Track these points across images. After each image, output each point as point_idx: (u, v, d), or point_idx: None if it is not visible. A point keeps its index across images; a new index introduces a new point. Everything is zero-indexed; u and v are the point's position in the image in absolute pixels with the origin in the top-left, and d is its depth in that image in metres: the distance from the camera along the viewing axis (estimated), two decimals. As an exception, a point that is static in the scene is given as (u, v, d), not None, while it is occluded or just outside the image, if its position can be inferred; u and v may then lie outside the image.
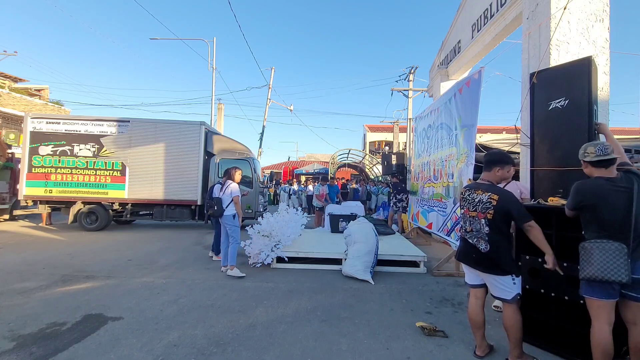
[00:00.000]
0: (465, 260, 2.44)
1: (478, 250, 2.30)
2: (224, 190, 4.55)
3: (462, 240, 2.50)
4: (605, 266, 1.87)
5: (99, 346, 2.47)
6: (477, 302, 2.44)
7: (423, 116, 6.82)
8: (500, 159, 2.42)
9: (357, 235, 4.67)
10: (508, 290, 2.24)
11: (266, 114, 17.75)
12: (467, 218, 2.41)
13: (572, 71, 2.83)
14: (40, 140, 8.04)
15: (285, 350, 2.48)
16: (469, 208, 2.38)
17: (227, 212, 4.49)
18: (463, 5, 7.51)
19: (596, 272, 1.90)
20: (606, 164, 2.01)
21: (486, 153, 2.57)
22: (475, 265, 2.35)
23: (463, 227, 2.47)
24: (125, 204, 8.32)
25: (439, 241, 7.05)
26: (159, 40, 16.55)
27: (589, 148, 2.07)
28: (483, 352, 2.45)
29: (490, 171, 2.41)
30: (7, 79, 17.59)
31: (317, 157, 31.74)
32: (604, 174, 2.02)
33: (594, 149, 2.03)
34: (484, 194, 2.30)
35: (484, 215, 2.27)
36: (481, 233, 2.29)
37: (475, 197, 2.34)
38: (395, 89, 15.84)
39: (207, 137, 8.63)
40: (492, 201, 2.24)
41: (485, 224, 2.26)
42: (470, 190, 2.41)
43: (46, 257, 5.23)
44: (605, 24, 4.13)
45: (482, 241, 2.28)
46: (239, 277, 4.27)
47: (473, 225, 2.35)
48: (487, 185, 2.35)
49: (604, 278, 1.87)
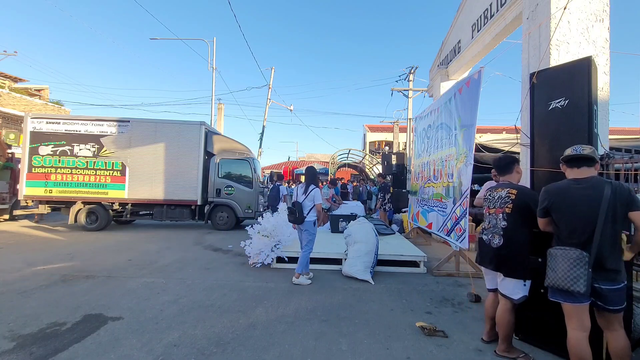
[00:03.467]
0: (482, 261, 2.51)
1: (491, 247, 2.38)
2: (307, 195, 4.21)
3: (479, 241, 2.58)
4: (564, 275, 1.84)
5: (99, 346, 2.47)
6: (496, 299, 2.52)
7: (423, 116, 6.82)
8: (514, 158, 2.65)
9: (357, 235, 4.68)
10: (516, 291, 2.30)
11: (266, 114, 17.77)
12: (487, 216, 2.51)
13: (572, 71, 2.82)
14: (40, 140, 8.05)
15: (285, 350, 2.48)
16: (489, 206, 2.49)
17: (308, 219, 4.21)
18: (463, 5, 7.51)
19: (557, 280, 1.88)
20: (579, 164, 1.97)
21: (496, 160, 2.71)
22: (488, 263, 2.41)
23: (483, 226, 2.55)
24: (125, 204, 8.34)
25: (439, 241, 7.05)
26: (159, 40, 16.59)
27: (568, 148, 2.04)
28: (489, 338, 2.60)
29: (511, 172, 2.55)
30: (7, 79, 17.60)
31: (317, 157, 31.73)
32: (576, 174, 1.99)
33: (571, 149, 2.01)
34: (502, 191, 2.42)
35: (502, 209, 2.36)
36: (496, 228, 2.37)
37: (495, 195, 2.47)
38: (395, 89, 15.86)
39: (207, 137, 8.64)
40: (511, 195, 2.35)
41: (503, 218, 2.35)
42: (492, 190, 2.55)
43: (46, 257, 5.23)
44: (605, 24, 4.13)
45: (496, 236, 2.36)
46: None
47: (490, 222, 2.44)
48: (506, 184, 2.50)
49: (563, 287, 1.85)
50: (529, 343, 2.60)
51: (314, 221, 4.26)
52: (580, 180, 1.96)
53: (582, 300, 1.88)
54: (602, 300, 1.86)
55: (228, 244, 6.60)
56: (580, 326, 1.92)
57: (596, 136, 2.66)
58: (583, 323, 1.92)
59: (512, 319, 2.35)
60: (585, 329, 1.92)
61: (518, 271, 2.28)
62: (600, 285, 1.84)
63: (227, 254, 5.82)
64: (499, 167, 2.65)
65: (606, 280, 1.84)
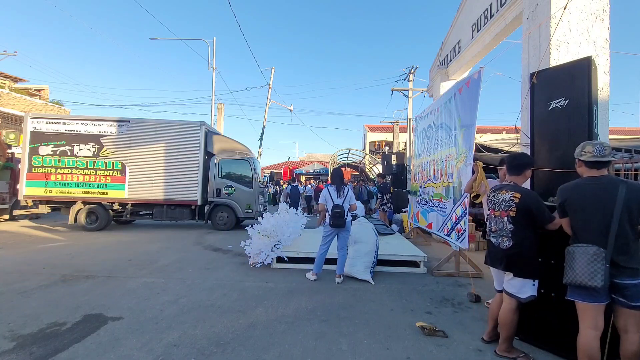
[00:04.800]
0: (491, 261, 2.51)
1: (500, 249, 2.38)
2: (346, 197, 4.10)
3: (487, 243, 2.57)
4: (582, 271, 1.85)
5: (99, 346, 2.46)
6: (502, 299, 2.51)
7: (423, 116, 6.82)
8: (530, 161, 2.61)
9: (357, 235, 4.67)
10: (525, 290, 2.30)
11: (266, 114, 17.79)
12: (492, 218, 2.50)
13: (572, 71, 2.83)
14: (40, 140, 8.04)
15: (285, 350, 2.48)
16: (494, 208, 2.47)
17: (348, 219, 4.12)
18: (463, 5, 7.51)
19: (575, 276, 1.89)
20: (600, 166, 1.98)
21: (512, 157, 2.63)
22: (499, 264, 2.41)
23: (489, 228, 2.54)
24: (125, 204, 8.33)
25: (439, 241, 7.05)
26: (159, 40, 16.58)
27: (587, 147, 2.02)
28: (490, 338, 2.60)
29: (520, 174, 2.50)
30: (7, 79, 17.59)
31: (317, 157, 31.75)
32: (594, 174, 1.99)
33: (592, 149, 1.99)
34: (507, 193, 2.40)
35: (507, 213, 2.35)
36: (504, 231, 2.37)
37: (500, 197, 2.44)
38: (395, 89, 15.86)
39: (207, 137, 8.64)
40: (515, 199, 2.33)
41: (508, 221, 2.35)
42: (495, 192, 2.52)
43: (46, 257, 5.23)
44: (605, 24, 4.13)
45: (505, 239, 2.36)
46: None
47: (497, 225, 2.43)
48: (510, 186, 2.46)
49: (581, 283, 1.86)
50: (529, 343, 2.60)
51: (351, 220, 4.30)
52: (595, 178, 1.97)
53: (601, 299, 1.88)
54: (623, 296, 1.85)
55: (228, 244, 6.60)
56: (594, 325, 1.92)
57: (596, 136, 2.67)
58: (597, 323, 1.92)
59: (516, 319, 2.35)
60: (598, 328, 1.92)
61: (528, 271, 2.28)
62: (622, 281, 1.83)
63: (227, 254, 5.81)
64: (513, 166, 2.54)
65: (626, 276, 1.83)
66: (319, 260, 4.23)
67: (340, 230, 4.15)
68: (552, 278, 2.36)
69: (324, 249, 4.22)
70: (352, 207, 4.20)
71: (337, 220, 4.02)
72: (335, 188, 4.20)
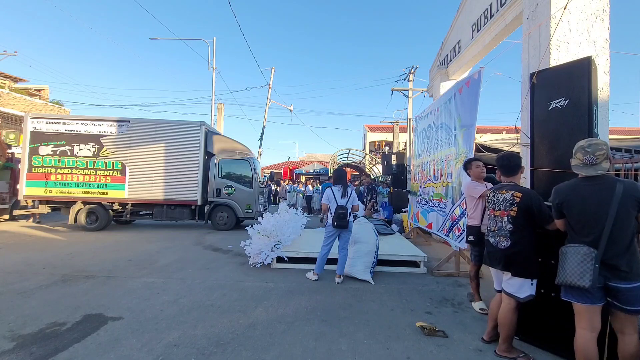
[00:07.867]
0: (489, 261, 2.51)
1: (498, 249, 2.38)
2: (349, 198, 4.10)
3: (486, 242, 2.58)
4: (572, 271, 1.85)
5: (99, 346, 2.46)
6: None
7: (423, 116, 6.82)
8: (520, 159, 2.63)
9: (357, 235, 4.67)
10: (523, 290, 2.30)
11: (266, 114, 17.78)
12: (492, 218, 2.50)
13: (572, 71, 2.83)
14: (40, 140, 8.04)
15: (285, 350, 2.48)
16: (494, 208, 2.48)
17: (350, 220, 4.15)
18: (463, 6, 7.51)
19: (566, 276, 1.89)
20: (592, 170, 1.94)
21: (502, 158, 2.62)
22: (497, 263, 2.41)
23: (488, 228, 2.54)
24: (125, 204, 8.33)
25: (439, 241, 7.05)
26: (159, 40, 16.59)
27: (578, 154, 1.98)
28: (490, 338, 2.60)
29: (515, 174, 2.54)
30: (7, 79, 17.59)
31: (317, 157, 31.73)
32: (592, 174, 1.96)
33: (582, 157, 1.94)
34: (507, 193, 2.40)
35: (507, 212, 2.36)
36: (503, 231, 2.37)
37: (500, 197, 2.45)
38: (395, 89, 15.86)
39: (207, 137, 8.64)
40: (516, 198, 2.33)
41: (508, 221, 2.35)
42: (495, 191, 2.52)
43: (46, 257, 5.23)
44: (605, 24, 4.13)
45: (503, 238, 2.37)
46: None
47: (497, 224, 2.44)
48: (511, 186, 2.47)
49: (571, 282, 1.86)
50: (529, 343, 2.60)
51: (352, 221, 4.30)
52: (591, 178, 1.94)
53: (595, 301, 1.87)
54: (618, 300, 1.84)
55: (228, 244, 6.59)
56: (590, 327, 1.91)
57: (596, 136, 2.67)
58: (593, 324, 1.91)
59: (515, 318, 2.35)
60: (595, 329, 1.91)
61: (526, 270, 2.28)
62: (616, 284, 1.82)
63: (227, 254, 5.81)
64: (510, 167, 2.54)
65: (619, 279, 1.81)
66: (321, 260, 4.22)
67: (343, 230, 4.16)
68: (552, 278, 2.37)
69: (326, 250, 4.22)
70: (355, 208, 4.21)
71: (341, 222, 4.00)
72: (340, 189, 4.17)
